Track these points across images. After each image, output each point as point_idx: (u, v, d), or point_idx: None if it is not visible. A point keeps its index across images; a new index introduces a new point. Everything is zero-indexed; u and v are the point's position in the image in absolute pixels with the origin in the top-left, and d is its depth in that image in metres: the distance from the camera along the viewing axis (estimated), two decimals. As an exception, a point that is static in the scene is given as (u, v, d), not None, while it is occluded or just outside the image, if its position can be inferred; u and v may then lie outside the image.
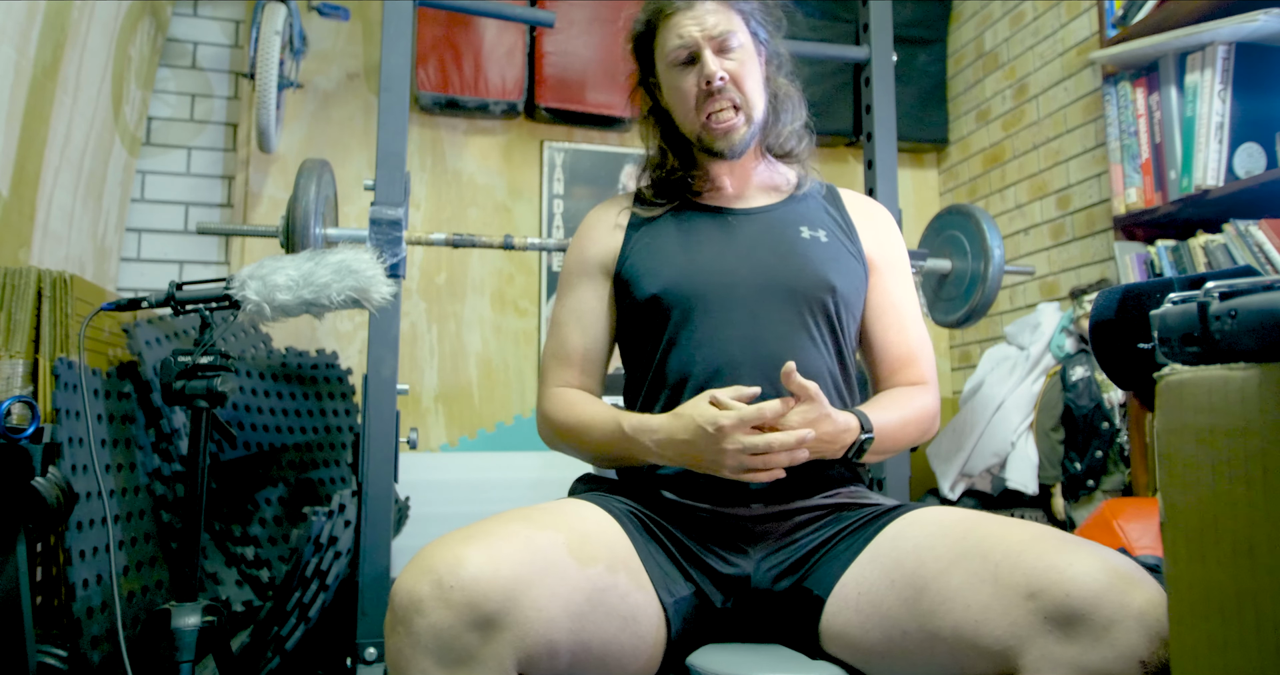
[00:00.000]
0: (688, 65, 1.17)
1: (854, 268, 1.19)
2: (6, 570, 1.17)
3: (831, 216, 1.24)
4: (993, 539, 0.83)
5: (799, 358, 1.07)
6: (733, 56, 1.16)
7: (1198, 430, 0.64)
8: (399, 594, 0.81)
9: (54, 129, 1.96)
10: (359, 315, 2.66)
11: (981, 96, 3.08)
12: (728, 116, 1.16)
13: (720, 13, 1.17)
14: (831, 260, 1.17)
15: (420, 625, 0.78)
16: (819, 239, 1.18)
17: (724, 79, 1.14)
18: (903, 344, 1.20)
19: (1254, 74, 2.04)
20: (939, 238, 2.35)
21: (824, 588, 0.97)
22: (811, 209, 1.24)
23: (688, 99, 1.18)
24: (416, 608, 0.79)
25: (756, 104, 1.18)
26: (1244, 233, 1.97)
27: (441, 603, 0.78)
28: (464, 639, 0.78)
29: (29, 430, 1.15)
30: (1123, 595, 0.72)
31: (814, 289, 1.12)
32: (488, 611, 0.79)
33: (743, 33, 1.18)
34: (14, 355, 1.54)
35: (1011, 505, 2.45)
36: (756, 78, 1.19)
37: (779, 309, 1.11)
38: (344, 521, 1.67)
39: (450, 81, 2.74)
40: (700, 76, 1.15)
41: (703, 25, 1.15)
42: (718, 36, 1.15)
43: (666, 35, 1.18)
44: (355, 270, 1.21)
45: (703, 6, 1.17)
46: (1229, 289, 0.64)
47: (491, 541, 0.84)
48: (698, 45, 1.15)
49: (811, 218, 1.22)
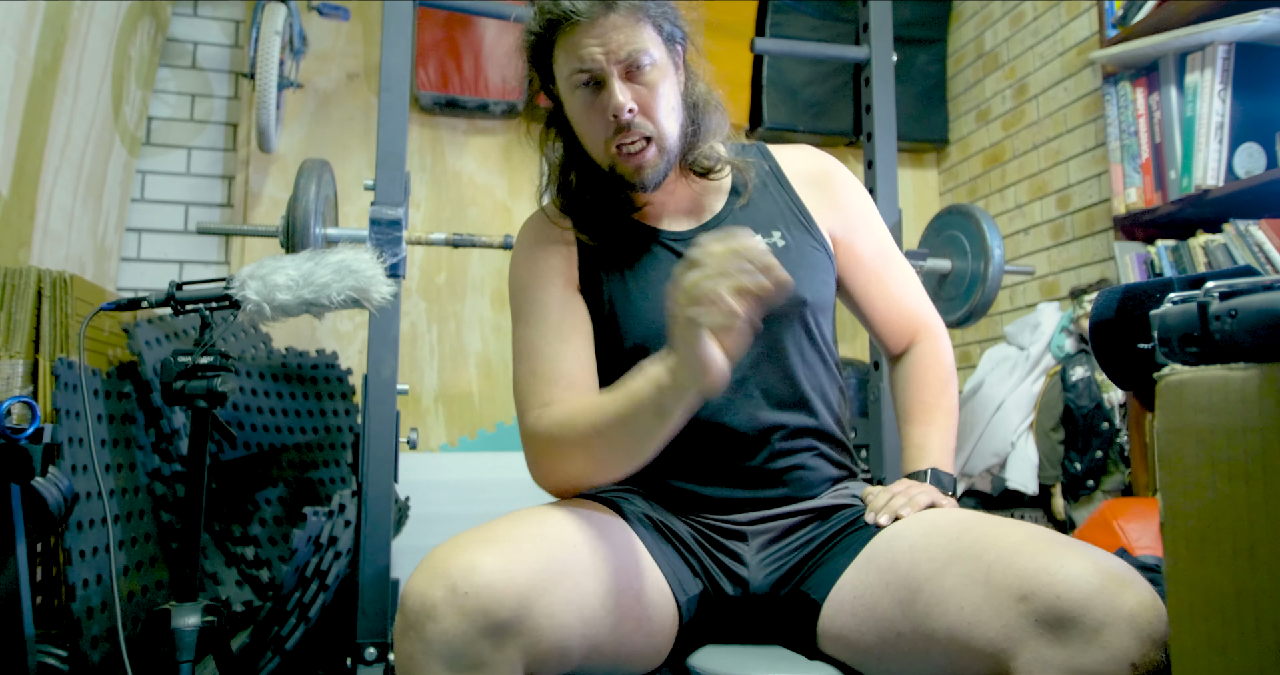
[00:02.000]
0: (593, 88, 1.02)
1: (819, 263, 1.12)
2: (6, 570, 1.17)
3: (780, 206, 1.13)
4: (987, 540, 0.83)
5: (785, 383, 1.06)
6: (644, 79, 1.01)
7: (1198, 430, 0.63)
8: (411, 598, 0.79)
9: (54, 129, 1.96)
10: (359, 315, 2.66)
11: (981, 96, 3.08)
12: (637, 148, 1.02)
13: (628, 27, 1.00)
14: (796, 268, 1.06)
15: (433, 632, 0.77)
16: (776, 245, 1.09)
17: (633, 111, 1.00)
18: (896, 306, 1.18)
19: (1254, 74, 2.04)
20: (939, 238, 2.35)
21: (821, 591, 0.97)
22: (760, 209, 1.13)
23: (595, 127, 1.03)
24: (429, 613, 0.77)
25: (669, 131, 1.04)
26: (1244, 233, 1.97)
27: (455, 609, 0.77)
28: (476, 646, 0.77)
29: (29, 430, 1.15)
30: (1114, 597, 0.72)
31: (786, 307, 1.06)
32: (501, 619, 0.78)
33: (655, 46, 1.02)
34: (14, 355, 1.54)
35: (1011, 505, 2.45)
36: (671, 98, 1.04)
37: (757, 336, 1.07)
38: (344, 521, 1.67)
39: (450, 81, 2.75)
40: (609, 107, 1.00)
41: (608, 46, 0.99)
42: (625, 58, 1.00)
43: (566, 54, 1.02)
44: (355, 270, 1.21)
45: (607, 21, 0.99)
46: (1229, 289, 0.64)
47: (505, 545, 0.83)
48: (603, 70, 1.00)
49: (762, 220, 1.11)
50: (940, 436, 1.12)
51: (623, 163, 1.04)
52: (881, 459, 2.09)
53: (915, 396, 1.16)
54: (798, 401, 1.07)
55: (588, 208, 1.11)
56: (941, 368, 1.16)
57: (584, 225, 1.11)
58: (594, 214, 1.11)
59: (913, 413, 1.16)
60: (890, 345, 1.21)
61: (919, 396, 1.16)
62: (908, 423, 1.16)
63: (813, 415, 1.08)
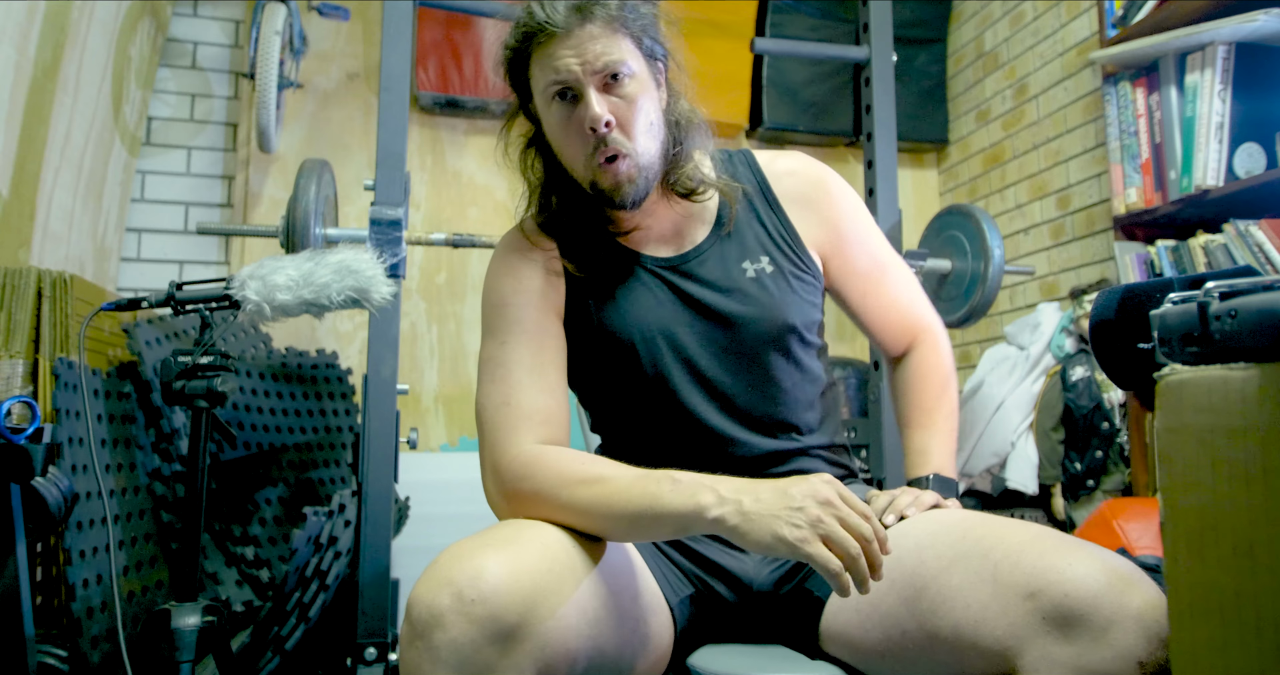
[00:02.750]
0: (570, 101, 0.99)
1: (806, 286, 1.10)
2: (6, 570, 1.17)
3: (768, 228, 1.11)
4: (992, 538, 0.83)
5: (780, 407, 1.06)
6: (622, 91, 0.98)
7: (1198, 430, 0.64)
8: (417, 607, 0.78)
9: (54, 129, 1.96)
10: (359, 315, 2.66)
11: (981, 96, 3.08)
12: (614, 165, 0.99)
13: (605, 38, 0.97)
14: (783, 293, 1.06)
15: (440, 640, 0.76)
16: (764, 271, 1.07)
17: (610, 124, 0.97)
18: (893, 312, 1.17)
19: (1254, 74, 2.04)
20: (939, 238, 2.35)
21: (825, 589, 0.97)
22: (746, 234, 1.10)
23: (573, 142, 1.00)
24: (437, 622, 0.76)
25: (647, 148, 1.00)
26: (1244, 233, 1.97)
27: (462, 616, 0.76)
28: (484, 653, 0.76)
29: (29, 430, 1.15)
30: (1121, 596, 0.72)
31: (775, 334, 1.06)
32: (509, 624, 0.77)
33: (634, 59, 0.99)
34: (14, 355, 1.54)
35: (1011, 505, 2.45)
36: (650, 114, 1.00)
37: (746, 366, 1.06)
38: (344, 521, 1.67)
39: (450, 81, 2.74)
40: (586, 119, 0.97)
41: (583, 56, 0.96)
42: (602, 69, 0.96)
43: (541, 66, 0.99)
44: (355, 270, 1.21)
45: (583, 32, 0.96)
46: (1229, 289, 0.64)
47: (509, 550, 0.82)
48: (579, 81, 0.97)
49: (749, 244, 1.09)
50: (941, 441, 1.12)
51: (603, 176, 1.00)
52: (882, 459, 2.09)
53: (915, 401, 1.16)
54: (798, 420, 1.08)
55: (570, 229, 1.08)
56: (940, 371, 1.16)
57: (567, 247, 1.09)
58: (576, 235, 1.08)
59: (913, 417, 1.16)
60: (889, 349, 1.21)
61: (919, 401, 1.16)
62: (908, 427, 1.16)
63: (808, 433, 1.09)
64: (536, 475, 0.93)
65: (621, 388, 1.07)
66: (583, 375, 1.10)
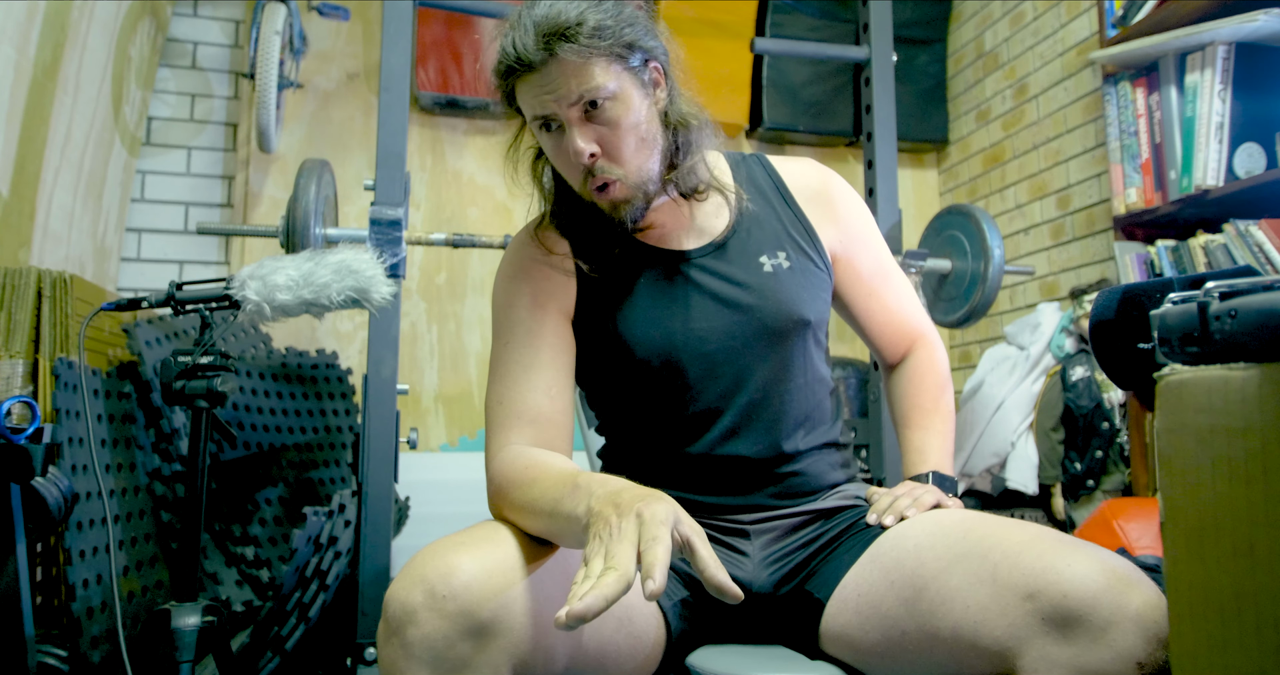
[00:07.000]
0: (556, 131, 0.98)
1: (820, 283, 1.11)
2: (6, 570, 1.17)
3: (786, 224, 1.12)
4: (992, 539, 0.83)
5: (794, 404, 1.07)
6: (604, 117, 0.96)
7: (1198, 430, 0.64)
8: (391, 604, 0.80)
9: (54, 129, 1.96)
10: (359, 315, 2.66)
11: (981, 96, 3.08)
12: (606, 192, 1.00)
13: (577, 69, 0.94)
14: (800, 289, 1.07)
15: (413, 636, 0.77)
16: (781, 267, 1.08)
17: (594, 155, 0.96)
18: (892, 319, 1.19)
19: (1254, 74, 2.04)
20: (939, 238, 2.35)
21: (825, 590, 0.97)
22: (764, 226, 1.11)
23: (566, 168, 1.01)
24: (410, 618, 0.78)
25: (639, 167, 1.00)
26: (1244, 233, 1.97)
27: (434, 612, 0.77)
28: (458, 648, 0.77)
29: (29, 430, 1.15)
30: (1120, 597, 0.72)
31: (790, 328, 1.06)
32: (481, 619, 0.78)
33: (613, 78, 0.96)
34: (14, 355, 1.54)
35: (1011, 505, 2.45)
36: (639, 129, 0.99)
37: (759, 359, 1.06)
38: (344, 521, 1.67)
39: (450, 81, 2.74)
40: (570, 153, 0.97)
41: (557, 92, 0.94)
42: (578, 101, 0.95)
43: (524, 101, 0.99)
44: (355, 270, 1.21)
45: (555, 65, 0.94)
46: (1229, 289, 0.64)
47: (483, 547, 0.83)
48: (557, 115, 0.96)
49: (767, 239, 1.10)
50: (939, 440, 1.13)
51: (599, 200, 1.01)
52: (881, 459, 2.09)
53: (913, 402, 1.17)
54: (806, 420, 1.08)
55: (587, 230, 1.08)
56: (937, 374, 1.17)
57: (581, 246, 1.08)
58: (594, 235, 1.08)
59: (911, 418, 1.16)
60: (886, 355, 1.22)
61: (916, 402, 1.16)
62: (906, 428, 1.16)
63: (818, 429, 1.09)
64: (504, 475, 0.95)
65: (632, 382, 1.07)
66: (593, 373, 1.10)
